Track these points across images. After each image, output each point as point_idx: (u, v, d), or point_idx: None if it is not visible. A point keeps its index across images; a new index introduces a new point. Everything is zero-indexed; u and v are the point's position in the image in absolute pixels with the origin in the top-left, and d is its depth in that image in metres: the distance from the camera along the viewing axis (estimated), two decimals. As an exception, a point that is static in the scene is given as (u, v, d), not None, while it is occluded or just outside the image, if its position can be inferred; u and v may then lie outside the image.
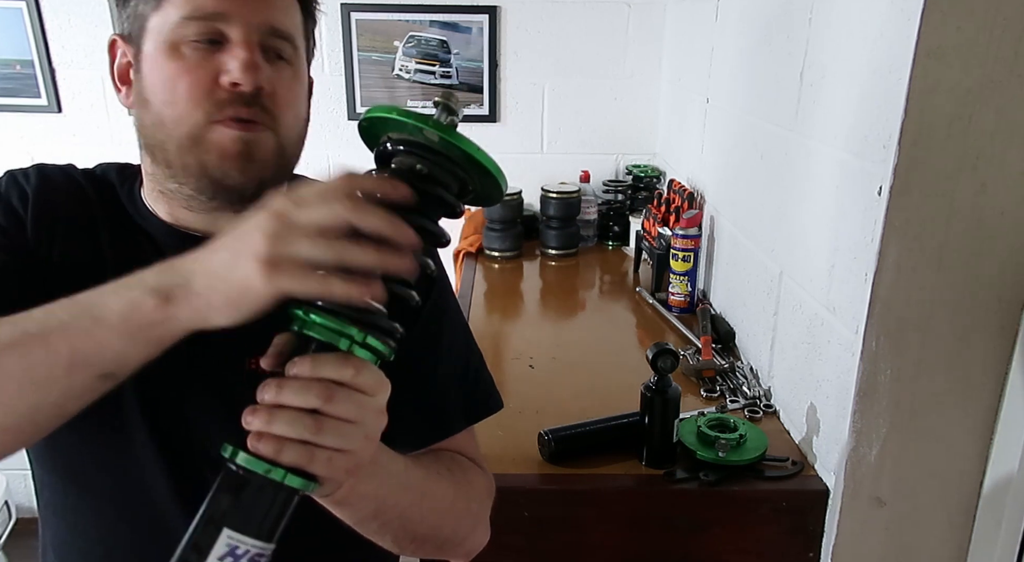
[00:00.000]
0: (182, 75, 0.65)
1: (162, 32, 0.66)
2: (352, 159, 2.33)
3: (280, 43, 0.69)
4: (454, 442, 0.81)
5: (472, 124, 2.23)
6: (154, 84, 0.67)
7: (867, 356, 0.90)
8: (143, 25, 0.68)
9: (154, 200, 0.73)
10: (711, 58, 1.67)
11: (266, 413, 0.50)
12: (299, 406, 0.50)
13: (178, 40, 0.66)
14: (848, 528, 0.98)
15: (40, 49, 2.11)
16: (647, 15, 2.15)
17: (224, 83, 0.65)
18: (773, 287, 1.23)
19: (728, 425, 1.07)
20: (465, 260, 2.05)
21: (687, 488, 1.01)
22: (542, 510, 1.02)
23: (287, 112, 0.70)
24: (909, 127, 0.82)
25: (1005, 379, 0.91)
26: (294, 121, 0.72)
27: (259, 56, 0.67)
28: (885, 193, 0.85)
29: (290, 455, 0.50)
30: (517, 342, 1.53)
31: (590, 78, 2.21)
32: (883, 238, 0.86)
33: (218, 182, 0.67)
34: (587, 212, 2.12)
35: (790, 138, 1.17)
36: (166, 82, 0.66)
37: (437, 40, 2.15)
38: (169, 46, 0.66)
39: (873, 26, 0.89)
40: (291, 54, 0.71)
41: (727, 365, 1.32)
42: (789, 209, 1.17)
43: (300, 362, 0.51)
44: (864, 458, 0.94)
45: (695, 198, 1.70)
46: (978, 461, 0.95)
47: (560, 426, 1.07)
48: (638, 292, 1.75)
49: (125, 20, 0.70)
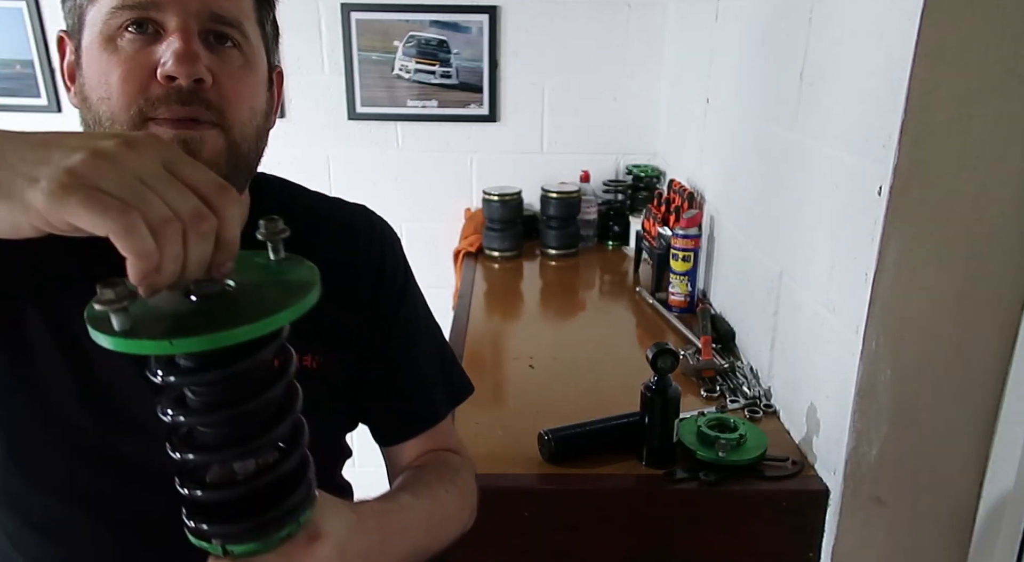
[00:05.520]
0: (115, 69, 0.61)
1: (96, 24, 0.63)
2: (352, 159, 2.34)
3: (225, 29, 0.64)
4: (440, 432, 0.85)
5: (472, 124, 2.23)
6: (91, 79, 0.63)
7: (867, 356, 0.90)
8: (81, 18, 0.64)
9: None
10: (711, 58, 1.67)
11: None
12: None
13: (112, 32, 0.62)
14: (848, 528, 0.98)
15: (40, 49, 2.11)
16: (647, 15, 2.15)
17: (159, 77, 0.61)
18: (773, 287, 1.23)
19: (728, 425, 1.07)
20: (465, 260, 2.05)
21: (687, 488, 1.01)
22: (542, 510, 1.01)
23: (237, 105, 0.65)
24: (909, 127, 0.82)
25: (1005, 379, 0.91)
26: (248, 115, 0.66)
27: (198, 45, 0.62)
28: (885, 193, 0.85)
29: None
30: (517, 342, 1.53)
31: (590, 78, 2.20)
32: (883, 238, 0.86)
33: None
34: (587, 212, 2.12)
35: (790, 138, 1.17)
36: (100, 77, 0.62)
37: (437, 40, 2.15)
38: (105, 39, 0.62)
39: (873, 26, 0.89)
40: (240, 40, 0.65)
41: (727, 365, 1.32)
42: (789, 209, 1.17)
43: None
44: (864, 458, 0.94)
45: (695, 198, 1.70)
46: (978, 461, 0.95)
47: (560, 426, 1.07)
48: (638, 292, 1.75)
49: (67, 14, 0.67)
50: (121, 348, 0.40)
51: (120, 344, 0.40)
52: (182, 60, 0.60)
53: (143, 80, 0.61)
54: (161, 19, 0.61)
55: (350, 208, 0.85)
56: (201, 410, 0.47)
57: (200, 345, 0.40)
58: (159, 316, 0.42)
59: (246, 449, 0.47)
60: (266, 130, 0.71)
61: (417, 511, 0.71)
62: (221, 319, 0.41)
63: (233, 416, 0.46)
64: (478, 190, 2.23)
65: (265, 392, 0.47)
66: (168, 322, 0.41)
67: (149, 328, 0.40)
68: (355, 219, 0.84)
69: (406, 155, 2.27)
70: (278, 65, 0.75)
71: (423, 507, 0.72)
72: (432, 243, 2.33)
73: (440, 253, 2.28)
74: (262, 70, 0.70)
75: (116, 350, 0.40)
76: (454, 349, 1.43)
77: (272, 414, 0.49)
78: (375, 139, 2.25)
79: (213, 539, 0.48)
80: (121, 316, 0.40)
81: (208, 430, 0.48)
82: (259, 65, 0.69)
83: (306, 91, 2.20)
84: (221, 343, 0.40)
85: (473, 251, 2.08)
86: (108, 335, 0.40)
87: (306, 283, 0.45)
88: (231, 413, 0.46)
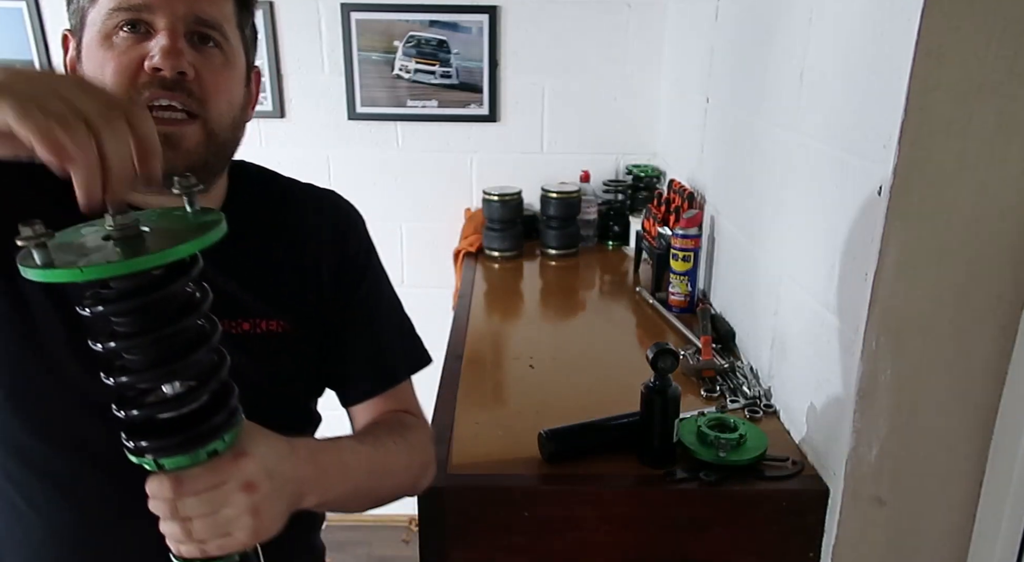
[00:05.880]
0: (110, 61, 0.70)
1: (96, 23, 0.71)
2: (352, 159, 2.34)
3: (208, 31, 0.73)
4: (399, 394, 0.92)
5: (472, 124, 2.23)
6: (90, 71, 0.72)
7: (867, 356, 0.90)
8: (83, 19, 0.73)
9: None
10: (711, 58, 1.67)
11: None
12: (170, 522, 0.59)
13: (109, 31, 0.71)
14: (848, 528, 0.98)
15: (40, 49, 2.11)
16: (647, 15, 2.15)
17: (147, 68, 0.70)
18: (773, 287, 1.23)
19: (728, 425, 1.07)
20: (465, 260, 2.05)
21: (687, 488, 1.01)
22: (542, 510, 1.01)
23: (216, 97, 0.73)
24: (909, 127, 0.82)
25: (1005, 379, 0.91)
26: (226, 108, 0.75)
27: (183, 43, 0.71)
28: (885, 193, 0.85)
29: (189, 551, 0.60)
30: (517, 342, 1.53)
31: (590, 78, 2.21)
32: (883, 238, 0.86)
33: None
34: (587, 212, 2.12)
35: (790, 138, 1.17)
36: (97, 69, 0.71)
37: (437, 40, 2.15)
38: (102, 36, 0.71)
39: (873, 26, 0.89)
40: (220, 41, 0.74)
41: (727, 365, 1.32)
42: (789, 209, 1.17)
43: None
44: (864, 458, 0.94)
45: (695, 198, 1.70)
46: (978, 461, 0.95)
47: (560, 426, 1.07)
48: (638, 292, 1.75)
49: (71, 15, 0.76)
50: (41, 278, 0.47)
51: (40, 275, 0.47)
52: (167, 55, 0.69)
53: (133, 71, 0.70)
54: (152, 20, 0.70)
55: (320, 193, 0.93)
56: (126, 336, 0.54)
57: (107, 272, 0.47)
58: (76, 250, 0.49)
59: (168, 370, 0.56)
60: (243, 121, 0.80)
61: (358, 453, 0.78)
62: (129, 251, 0.49)
63: (155, 340, 0.54)
64: (478, 190, 2.23)
65: (182, 319, 0.55)
66: (82, 254, 0.49)
67: (64, 260, 0.47)
68: (323, 202, 0.92)
69: (406, 155, 2.27)
70: (256, 65, 0.84)
71: (364, 451, 0.79)
72: (432, 243, 2.33)
73: (440, 253, 2.28)
74: (240, 68, 0.78)
75: (37, 280, 0.47)
76: (454, 349, 1.44)
77: (191, 341, 0.57)
78: (375, 139, 2.25)
79: (147, 454, 0.57)
80: (41, 251, 0.47)
81: (135, 355, 0.55)
82: (238, 64, 0.78)
83: (306, 91, 2.20)
84: (124, 270, 0.48)
85: (473, 251, 2.08)
86: (31, 268, 0.47)
87: (211, 223, 0.53)
88: (152, 338, 0.54)
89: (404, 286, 2.40)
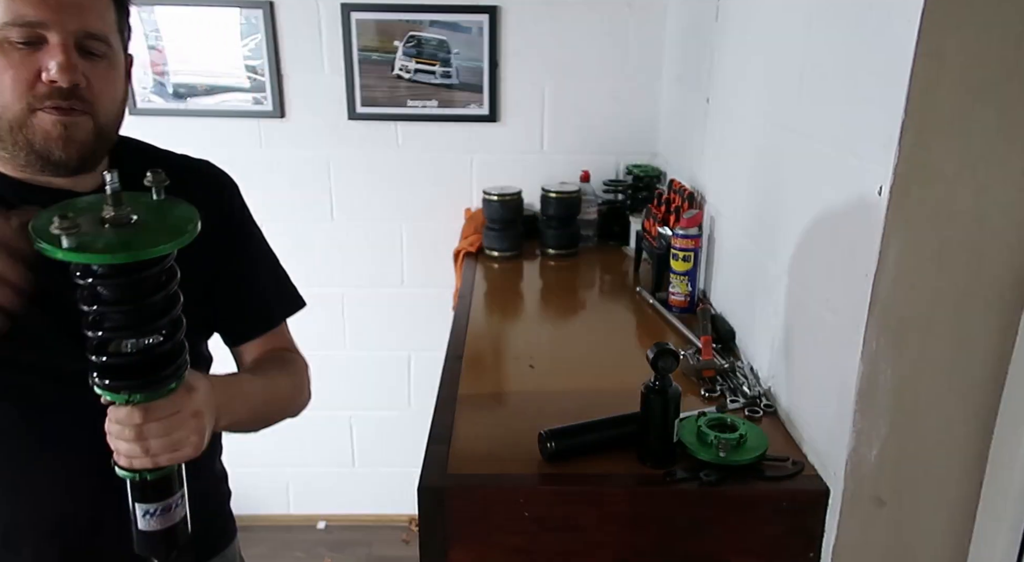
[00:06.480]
0: (7, 70, 0.79)
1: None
2: (352, 159, 2.34)
3: (95, 44, 0.83)
4: (278, 335, 1.09)
5: (472, 124, 2.23)
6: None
7: (867, 356, 0.90)
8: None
9: (2, 163, 0.87)
10: (711, 58, 1.68)
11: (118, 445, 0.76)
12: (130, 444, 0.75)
13: (3, 40, 0.79)
14: (848, 528, 0.98)
15: None
16: (647, 15, 2.15)
17: (44, 80, 0.79)
18: (773, 287, 1.23)
19: (728, 425, 1.07)
20: (465, 260, 2.05)
21: (687, 488, 1.01)
22: (542, 510, 1.02)
23: (103, 98, 0.85)
24: (909, 127, 0.82)
25: (1005, 379, 0.91)
26: (111, 104, 0.87)
27: (75, 56, 0.81)
28: (885, 193, 0.85)
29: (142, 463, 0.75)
30: (517, 342, 1.53)
31: (590, 78, 2.21)
32: (883, 238, 0.86)
33: (44, 157, 0.82)
34: (587, 212, 2.12)
35: (790, 138, 1.17)
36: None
37: (437, 40, 2.15)
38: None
39: (873, 26, 0.89)
40: (105, 50, 0.85)
41: (727, 365, 1.32)
42: (789, 209, 1.17)
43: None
44: (864, 458, 0.94)
45: (695, 198, 1.70)
46: (978, 461, 0.95)
47: (560, 426, 1.07)
48: (638, 292, 1.75)
49: None
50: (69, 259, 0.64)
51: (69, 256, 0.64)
52: (64, 70, 0.79)
53: (30, 80, 0.80)
54: (45, 34, 0.79)
55: (196, 163, 1.05)
56: (111, 302, 0.70)
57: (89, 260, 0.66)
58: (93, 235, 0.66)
59: (143, 330, 0.72)
60: (123, 109, 0.92)
61: (254, 383, 0.99)
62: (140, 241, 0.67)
63: (135, 308, 0.71)
64: (478, 190, 2.23)
65: (157, 293, 0.71)
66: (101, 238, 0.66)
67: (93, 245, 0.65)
68: (200, 171, 1.05)
69: (406, 155, 2.27)
70: (130, 53, 0.94)
71: (259, 382, 1.00)
72: (432, 243, 2.33)
73: (440, 253, 2.28)
74: (122, 67, 0.89)
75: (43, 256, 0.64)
76: (454, 349, 1.44)
77: (160, 309, 0.72)
78: (375, 139, 2.25)
79: (123, 391, 0.72)
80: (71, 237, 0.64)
81: (116, 316, 0.71)
82: (120, 64, 0.89)
83: (306, 91, 2.20)
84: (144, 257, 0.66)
85: (473, 251, 2.08)
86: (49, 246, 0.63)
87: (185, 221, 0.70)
88: (132, 306, 0.70)
89: (404, 286, 2.40)
